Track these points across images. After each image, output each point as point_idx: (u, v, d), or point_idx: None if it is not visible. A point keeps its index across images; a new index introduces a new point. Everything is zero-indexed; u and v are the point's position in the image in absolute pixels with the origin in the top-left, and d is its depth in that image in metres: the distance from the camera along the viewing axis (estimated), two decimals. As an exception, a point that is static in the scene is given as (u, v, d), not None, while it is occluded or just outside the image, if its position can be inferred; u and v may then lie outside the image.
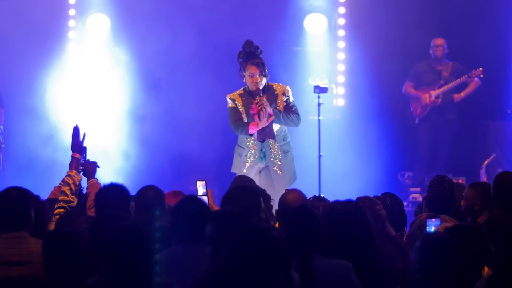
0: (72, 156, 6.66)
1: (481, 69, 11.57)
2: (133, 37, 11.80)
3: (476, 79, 11.66)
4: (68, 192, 6.19)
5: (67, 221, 5.62)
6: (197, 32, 11.57)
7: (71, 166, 6.55)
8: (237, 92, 8.12)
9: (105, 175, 8.64)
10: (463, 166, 11.61)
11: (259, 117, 7.87)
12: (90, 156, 6.86)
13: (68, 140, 9.74)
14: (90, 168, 6.62)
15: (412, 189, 11.62)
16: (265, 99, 7.86)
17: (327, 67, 12.17)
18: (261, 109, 7.82)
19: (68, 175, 6.42)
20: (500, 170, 9.80)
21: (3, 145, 11.33)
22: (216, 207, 6.65)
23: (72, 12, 12.04)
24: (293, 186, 7.90)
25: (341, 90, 12.26)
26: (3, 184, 10.62)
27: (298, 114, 8.04)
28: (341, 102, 12.26)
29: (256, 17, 11.68)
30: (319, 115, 11.01)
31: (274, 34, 11.91)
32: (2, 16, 11.44)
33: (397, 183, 11.79)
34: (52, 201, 6.31)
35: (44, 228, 5.15)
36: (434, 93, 11.73)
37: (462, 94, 11.75)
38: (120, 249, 3.83)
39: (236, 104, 8.04)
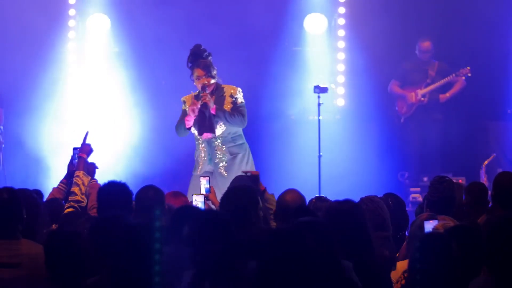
0: (78, 156, 6.71)
1: (468, 67, 11.58)
2: (133, 37, 11.80)
3: (462, 79, 11.66)
4: (79, 192, 6.26)
5: (69, 221, 5.65)
6: (197, 31, 11.56)
7: (78, 167, 6.60)
8: (193, 93, 8.26)
9: (106, 175, 8.63)
10: (463, 166, 11.60)
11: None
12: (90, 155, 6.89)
13: (68, 140, 9.79)
14: (89, 169, 6.67)
15: (412, 189, 11.62)
16: (208, 96, 7.91)
17: (327, 67, 12.16)
18: (202, 103, 7.86)
19: (77, 176, 6.46)
20: (500, 170, 9.80)
21: (3, 145, 11.33)
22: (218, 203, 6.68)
23: (72, 12, 12.04)
24: (293, 186, 7.89)
25: (341, 90, 12.26)
26: (3, 184, 10.62)
27: (243, 115, 8.09)
28: (341, 102, 12.26)
29: (256, 17, 11.68)
30: (319, 115, 11.01)
31: (274, 34, 11.91)
32: (1, 16, 11.44)
33: (397, 183, 11.78)
34: (51, 202, 6.32)
35: (38, 230, 5.13)
36: (420, 92, 11.75)
37: (447, 94, 11.76)
38: (124, 248, 3.84)
39: (185, 106, 8.20)
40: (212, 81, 8.04)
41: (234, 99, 8.10)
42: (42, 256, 4.53)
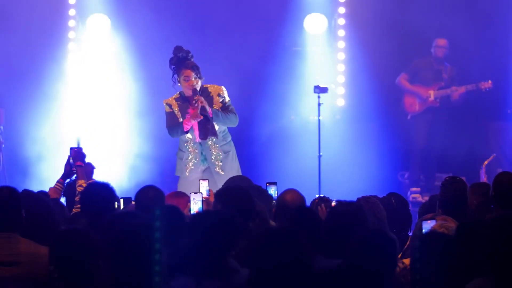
0: (76, 166, 6.74)
1: (490, 81, 11.57)
2: (133, 37, 11.80)
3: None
4: None
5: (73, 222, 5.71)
6: (197, 31, 11.57)
7: (78, 176, 6.64)
8: (173, 96, 8.25)
9: (106, 176, 8.64)
10: (463, 166, 11.60)
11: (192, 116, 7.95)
12: (91, 156, 6.91)
13: (67, 139, 9.75)
14: (87, 170, 6.71)
15: (412, 189, 11.62)
16: (203, 98, 7.93)
17: (327, 67, 12.16)
18: (199, 107, 7.89)
19: (80, 186, 6.50)
20: (500, 170, 9.80)
21: (3, 145, 11.33)
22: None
23: (72, 12, 12.04)
24: (293, 186, 7.90)
25: (341, 90, 12.26)
26: (3, 183, 10.62)
27: (235, 113, 8.12)
28: (341, 102, 12.26)
29: (256, 17, 11.68)
30: (319, 115, 11.02)
31: (274, 34, 11.92)
32: (1, 16, 11.44)
33: (397, 183, 11.78)
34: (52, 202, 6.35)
35: (49, 229, 5.17)
36: (434, 93, 11.73)
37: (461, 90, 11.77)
38: (124, 248, 3.84)
39: (172, 109, 8.15)
40: (200, 82, 8.06)
41: (222, 98, 8.11)
42: (41, 256, 4.60)
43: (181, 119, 8.11)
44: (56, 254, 4.34)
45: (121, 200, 6.44)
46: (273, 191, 6.67)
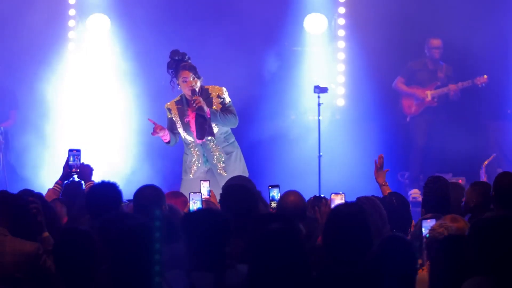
0: (71, 172, 6.80)
1: (485, 76, 11.58)
2: (133, 37, 11.80)
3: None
4: None
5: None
6: (197, 31, 11.57)
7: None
8: (175, 99, 8.30)
9: (106, 176, 8.63)
10: (463, 166, 11.60)
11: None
12: (91, 157, 6.91)
13: (66, 140, 9.76)
14: (86, 171, 6.75)
15: (412, 189, 11.61)
16: (201, 98, 7.96)
17: (327, 67, 12.16)
18: (197, 107, 7.89)
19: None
20: (500, 170, 9.80)
21: (3, 145, 11.33)
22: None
23: (72, 12, 12.04)
24: (293, 186, 7.90)
25: (341, 90, 12.26)
26: (3, 184, 10.63)
27: (235, 114, 8.13)
28: (341, 102, 12.26)
29: (256, 17, 11.68)
30: (319, 115, 11.02)
31: (274, 34, 11.92)
32: (1, 16, 11.44)
33: (397, 183, 11.77)
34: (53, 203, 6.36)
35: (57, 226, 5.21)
36: (430, 93, 11.74)
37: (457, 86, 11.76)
38: (124, 248, 3.84)
39: (171, 114, 8.21)
40: (199, 82, 8.07)
41: (221, 99, 8.13)
42: (25, 254, 4.71)
43: (179, 124, 8.14)
44: (57, 253, 4.36)
45: None
46: (275, 193, 6.68)
